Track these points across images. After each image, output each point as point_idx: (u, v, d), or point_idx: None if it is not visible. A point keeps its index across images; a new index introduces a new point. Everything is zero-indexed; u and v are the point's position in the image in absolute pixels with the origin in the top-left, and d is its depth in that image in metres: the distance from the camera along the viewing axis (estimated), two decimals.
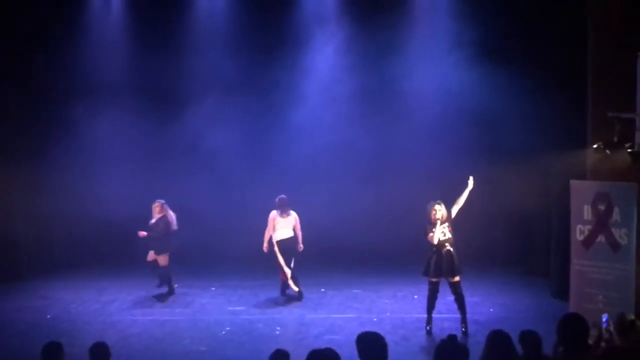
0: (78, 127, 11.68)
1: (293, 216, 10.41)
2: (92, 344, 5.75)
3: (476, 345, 6.01)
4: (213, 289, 11.20)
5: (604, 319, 6.04)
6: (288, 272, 10.25)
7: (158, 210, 10.30)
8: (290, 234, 10.37)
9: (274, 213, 10.32)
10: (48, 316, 9.90)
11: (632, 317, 5.88)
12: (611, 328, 5.98)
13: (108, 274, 11.74)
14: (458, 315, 9.57)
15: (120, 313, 10.00)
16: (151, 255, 10.49)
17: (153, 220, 10.32)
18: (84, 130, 11.71)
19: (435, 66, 11.78)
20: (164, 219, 10.28)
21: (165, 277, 10.51)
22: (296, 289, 10.35)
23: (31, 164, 11.84)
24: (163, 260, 10.40)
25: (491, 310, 9.94)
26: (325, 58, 12.13)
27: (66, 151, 11.72)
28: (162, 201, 10.39)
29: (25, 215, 12.02)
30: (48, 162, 11.79)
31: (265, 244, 10.33)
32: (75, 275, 12.05)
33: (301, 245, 10.49)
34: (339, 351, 4.47)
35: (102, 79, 11.92)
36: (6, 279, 11.48)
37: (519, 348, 5.00)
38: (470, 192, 9.31)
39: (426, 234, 8.98)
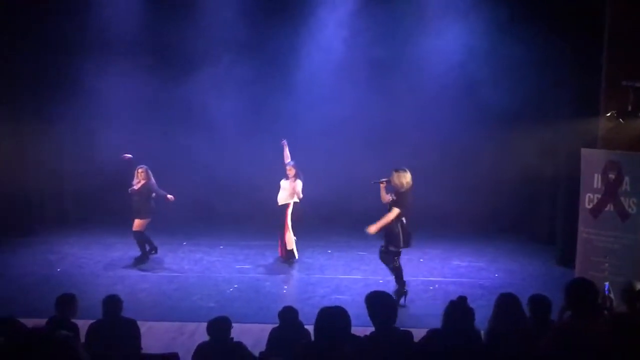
0: (87, 83, 11.63)
1: (289, 182, 10.28)
2: (105, 296, 5.87)
3: (480, 309, 6.08)
4: (221, 247, 11.31)
5: (605, 287, 6.11)
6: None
7: (143, 176, 10.16)
8: (283, 200, 10.29)
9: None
10: (58, 270, 10.04)
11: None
12: (612, 296, 6.06)
13: (117, 230, 11.78)
14: (463, 280, 9.71)
15: (129, 268, 10.13)
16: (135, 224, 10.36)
17: (136, 186, 10.20)
18: (93, 86, 11.65)
19: (446, 33, 11.64)
20: (146, 185, 10.21)
21: (140, 242, 10.39)
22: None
23: (41, 119, 11.86)
24: (138, 224, 10.25)
25: (496, 275, 10.02)
26: (334, 23, 12.02)
27: (75, 106, 11.70)
28: (146, 167, 10.29)
29: (36, 170, 12.09)
30: (58, 117, 11.81)
31: None
32: (85, 230, 12.19)
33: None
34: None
35: (111, 36, 11.81)
36: (18, 233, 11.62)
37: (527, 312, 5.06)
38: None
39: (406, 203, 8.50)
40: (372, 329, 4.58)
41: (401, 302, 8.41)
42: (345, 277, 9.80)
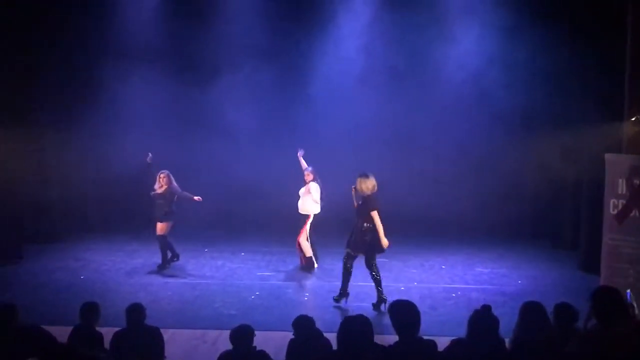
0: (109, 91, 11.77)
1: (306, 188, 10.29)
2: (129, 305, 5.91)
3: (503, 316, 6.02)
4: (242, 254, 11.35)
5: (627, 295, 6.03)
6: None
7: (165, 181, 10.26)
8: (304, 209, 10.30)
9: None
10: (82, 277, 10.12)
11: None
12: (634, 303, 5.97)
13: (139, 237, 11.93)
14: (485, 286, 9.64)
15: (152, 275, 10.19)
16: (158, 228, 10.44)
17: (159, 190, 10.29)
18: (115, 94, 11.80)
19: (465, 39, 11.60)
20: (168, 189, 10.29)
21: (163, 247, 10.47)
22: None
23: (64, 126, 11.97)
24: (162, 228, 10.34)
25: (519, 282, 9.93)
26: (353, 30, 12.04)
27: (98, 113, 11.78)
28: (167, 172, 10.37)
29: (58, 178, 12.21)
30: (80, 124, 11.88)
31: None
32: (107, 238, 12.29)
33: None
34: None
35: (133, 42, 11.92)
36: (42, 240, 11.75)
37: (551, 320, 5.00)
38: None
39: (376, 209, 8.51)
40: (395, 337, 4.56)
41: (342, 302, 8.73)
42: (367, 284, 9.73)
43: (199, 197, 10.26)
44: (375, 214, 8.49)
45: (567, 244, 11.56)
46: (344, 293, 8.82)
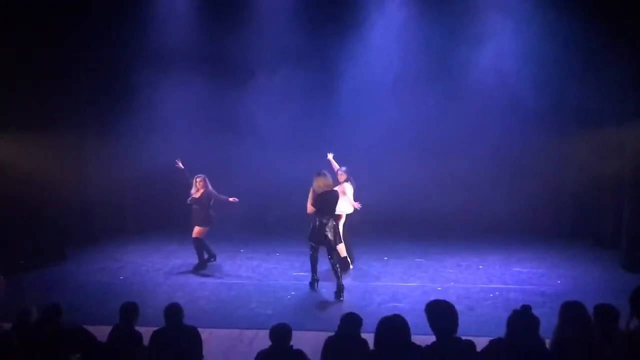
0: (145, 94, 11.93)
1: (339, 188, 10.16)
2: (167, 305, 5.98)
3: (543, 316, 5.91)
4: (277, 254, 11.40)
5: None
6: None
7: (201, 185, 10.36)
8: (337, 209, 10.18)
9: None
10: (121, 277, 10.29)
11: None
12: None
13: (176, 238, 12.07)
14: (524, 286, 9.51)
15: (189, 276, 10.30)
16: (195, 231, 10.55)
17: (195, 195, 10.37)
18: (151, 97, 11.97)
19: (501, 38, 11.47)
20: (205, 193, 10.38)
21: (198, 248, 10.57)
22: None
23: (101, 129, 12.21)
24: (198, 232, 10.45)
25: (558, 282, 9.76)
26: (387, 32, 12.02)
27: (133, 117, 11.95)
28: (203, 175, 10.47)
29: (96, 182, 12.44)
30: (117, 127, 12.08)
31: None
32: (145, 239, 12.50)
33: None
34: None
35: (168, 46, 12.08)
36: (81, 243, 12.00)
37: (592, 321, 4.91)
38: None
39: (319, 203, 9.14)
40: (432, 337, 4.53)
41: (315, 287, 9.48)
42: (403, 285, 9.71)
43: (235, 198, 10.37)
44: (309, 208, 9.17)
45: (607, 242, 11.33)
46: (313, 279, 9.54)
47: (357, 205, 10.03)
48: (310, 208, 9.17)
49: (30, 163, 10.66)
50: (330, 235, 9.13)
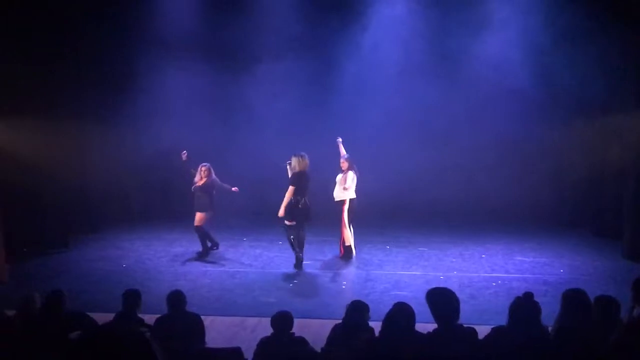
0: (147, 81, 11.92)
1: (342, 175, 10.29)
2: (170, 291, 6.00)
3: (546, 305, 5.92)
4: (280, 243, 11.38)
5: None
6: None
7: (206, 174, 10.35)
8: (339, 196, 10.31)
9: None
10: (123, 265, 10.30)
11: None
12: None
13: (179, 226, 12.08)
14: (527, 275, 9.52)
15: (191, 264, 10.32)
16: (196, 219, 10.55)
17: (199, 183, 10.37)
18: (153, 84, 11.95)
19: (509, 27, 11.44)
20: (209, 181, 10.36)
21: (201, 237, 10.59)
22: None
23: (103, 117, 12.16)
24: (199, 219, 10.45)
25: (561, 271, 9.76)
26: (392, 20, 11.99)
27: (136, 104, 11.94)
28: (208, 164, 10.46)
29: (98, 170, 12.43)
30: (119, 115, 12.05)
31: None
32: (147, 227, 12.50)
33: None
34: None
35: (171, 34, 12.05)
36: (84, 230, 12.01)
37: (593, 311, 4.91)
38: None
39: (298, 183, 9.69)
40: (433, 325, 4.53)
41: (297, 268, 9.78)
42: (405, 273, 9.72)
43: (236, 188, 10.39)
44: (290, 189, 9.64)
45: (609, 231, 11.30)
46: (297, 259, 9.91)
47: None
48: (290, 188, 9.63)
49: (32, 150, 10.66)
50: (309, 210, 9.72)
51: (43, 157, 10.76)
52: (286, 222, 9.74)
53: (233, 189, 10.41)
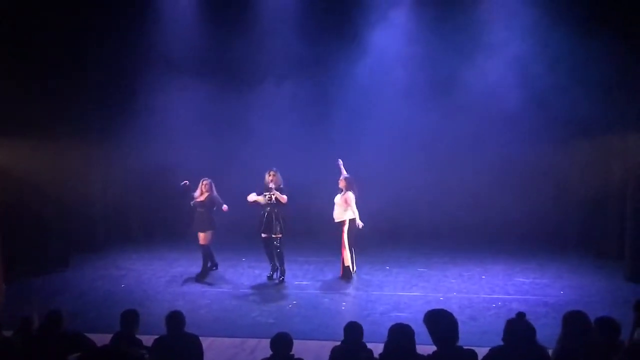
0: (150, 100, 11.98)
1: (341, 196, 10.26)
2: (168, 312, 5.96)
3: (546, 327, 5.86)
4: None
5: None
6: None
7: (207, 188, 10.35)
8: (338, 217, 10.27)
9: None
10: (122, 285, 10.26)
11: None
12: None
13: (178, 247, 12.06)
14: (527, 297, 9.46)
15: (190, 284, 10.28)
16: (201, 238, 10.53)
17: (199, 198, 10.37)
18: (156, 103, 12.01)
19: (507, 48, 11.50)
20: (209, 197, 10.37)
21: (205, 256, 10.58)
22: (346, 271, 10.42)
23: (106, 136, 12.20)
24: (204, 238, 10.45)
25: (562, 292, 9.70)
26: (393, 40, 12.05)
27: (138, 124, 11.97)
28: (210, 179, 10.46)
29: (100, 190, 12.43)
30: (122, 134, 12.07)
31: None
32: (148, 248, 12.48)
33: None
34: None
35: (174, 52, 12.15)
36: (84, 250, 11.98)
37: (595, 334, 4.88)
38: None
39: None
40: (434, 347, 4.50)
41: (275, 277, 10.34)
42: (405, 294, 9.68)
43: (226, 207, 10.37)
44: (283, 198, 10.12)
45: (612, 253, 11.26)
46: (273, 268, 10.42)
47: (360, 224, 10.13)
48: (283, 198, 10.06)
49: (34, 169, 10.69)
50: (281, 224, 10.10)
51: (44, 177, 10.78)
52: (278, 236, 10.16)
53: (223, 207, 10.37)
